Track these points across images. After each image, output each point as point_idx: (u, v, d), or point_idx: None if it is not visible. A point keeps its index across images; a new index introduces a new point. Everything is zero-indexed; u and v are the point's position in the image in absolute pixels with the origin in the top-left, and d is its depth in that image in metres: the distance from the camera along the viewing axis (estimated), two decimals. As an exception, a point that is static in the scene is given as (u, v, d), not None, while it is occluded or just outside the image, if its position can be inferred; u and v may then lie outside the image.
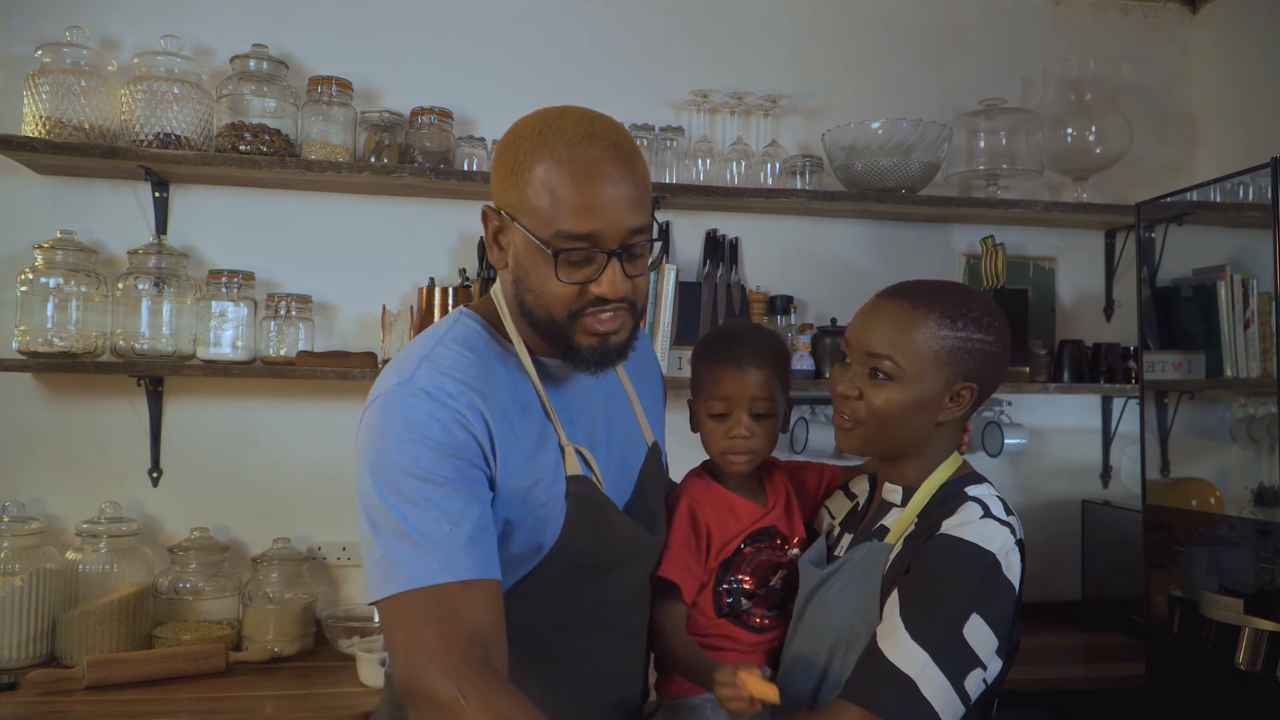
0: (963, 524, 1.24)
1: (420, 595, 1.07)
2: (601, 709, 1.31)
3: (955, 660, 1.17)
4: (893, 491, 1.37)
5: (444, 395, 1.14)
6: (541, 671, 1.24)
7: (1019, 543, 1.26)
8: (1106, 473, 2.91)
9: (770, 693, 1.20)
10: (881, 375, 1.28)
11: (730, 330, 1.55)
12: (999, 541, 1.23)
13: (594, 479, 1.26)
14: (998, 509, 1.27)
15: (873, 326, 1.31)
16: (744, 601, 1.44)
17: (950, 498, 1.30)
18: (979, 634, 1.18)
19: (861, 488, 1.49)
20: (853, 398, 1.31)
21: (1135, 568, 2.31)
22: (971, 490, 1.30)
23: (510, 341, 1.25)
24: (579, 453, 1.25)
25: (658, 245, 1.26)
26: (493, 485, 1.17)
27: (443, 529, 1.09)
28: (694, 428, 1.51)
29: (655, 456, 1.40)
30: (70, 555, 2.27)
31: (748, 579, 1.44)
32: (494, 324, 1.26)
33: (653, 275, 2.48)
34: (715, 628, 1.44)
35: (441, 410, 1.14)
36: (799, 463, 1.62)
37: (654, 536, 1.36)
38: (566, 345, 1.19)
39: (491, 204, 1.22)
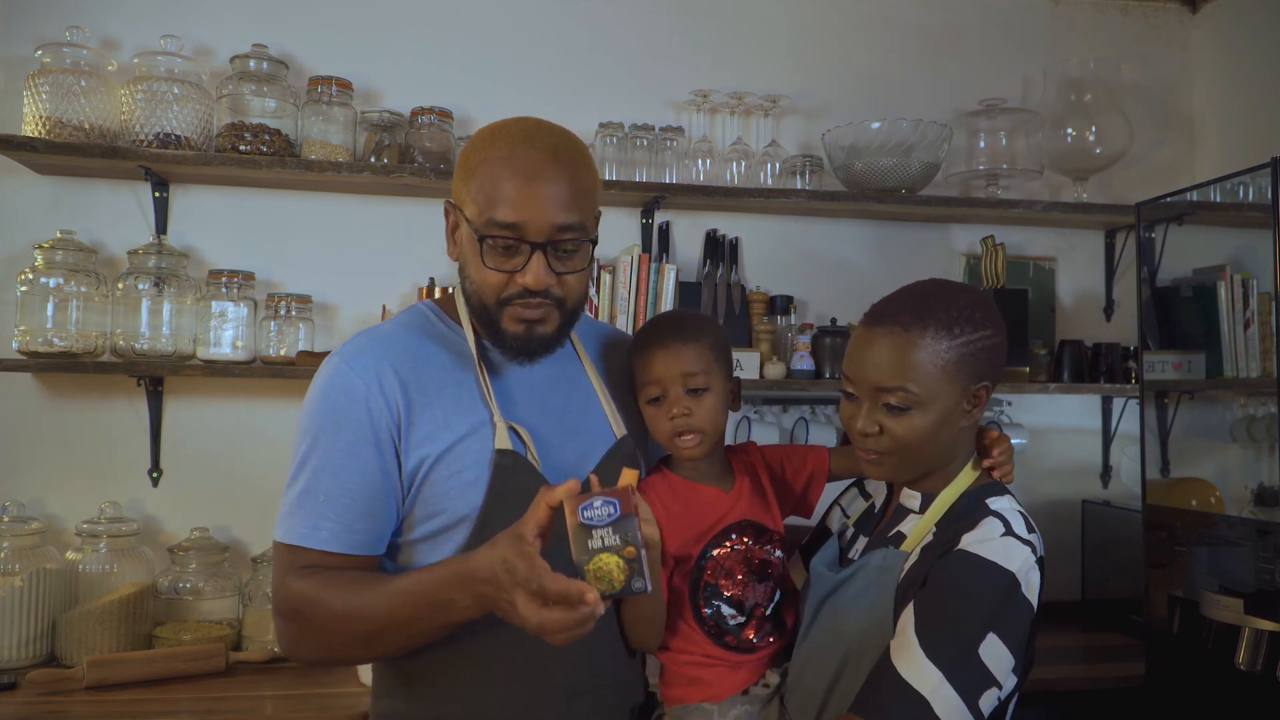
0: (983, 540, 1.21)
1: (287, 548, 1.26)
2: (549, 692, 1.29)
3: (970, 680, 1.14)
4: (911, 497, 1.34)
5: (360, 365, 1.27)
6: (479, 648, 1.26)
7: (1039, 560, 1.23)
8: (1106, 473, 2.91)
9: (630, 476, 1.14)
10: (897, 407, 1.24)
11: (657, 319, 1.51)
12: (1019, 560, 1.20)
13: (529, 457, 1.29)
14: (1019, 526, 1.24)
15: (873, 360, 1.26)
16: (727, 612, 1.39)
17: (971, 509, 1.27)
18: (995, 654, 1.15)
19: (878, 487, 1.46)
20: (874, 434, 1.27)
21: (1135, 568, 2.31)
22: (993, 503, 1.27)
23: (461, 326, 1.35)
24: (512, 429, 1.29)
25: (592, 248, 1.33)
26: (402, 450, 1.26)
27: (316, 499, 1.24)
28: (646, 425, 1.47)
29: (625, 449, 1.40)
30: (70, 555, 2.27)
31: (724, 581, 1.40)
32: (449, 311, 1.39)
33: (652, 275, 2.48)
34: (702, 648, 1.39)
35: (353, 378, 1.26)
36: (779, 446, 1.57)
37: None
38: (496, 331, 1.30)
39: (451, 200, 1.33)
